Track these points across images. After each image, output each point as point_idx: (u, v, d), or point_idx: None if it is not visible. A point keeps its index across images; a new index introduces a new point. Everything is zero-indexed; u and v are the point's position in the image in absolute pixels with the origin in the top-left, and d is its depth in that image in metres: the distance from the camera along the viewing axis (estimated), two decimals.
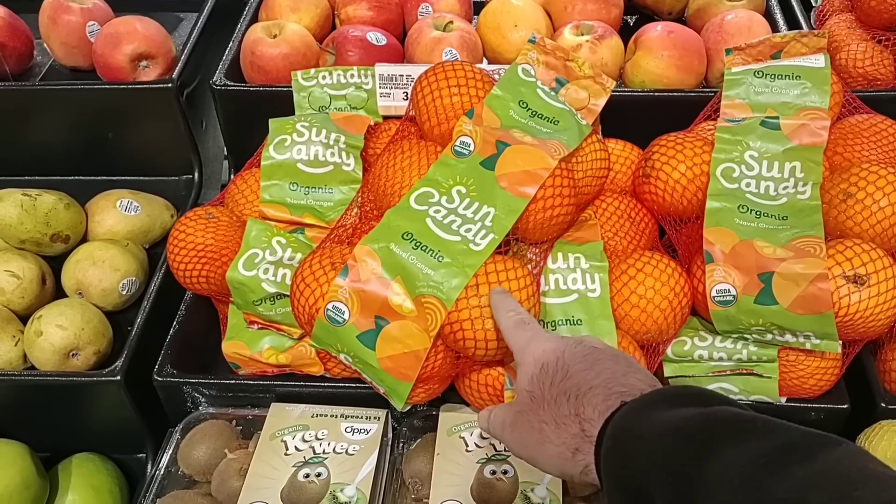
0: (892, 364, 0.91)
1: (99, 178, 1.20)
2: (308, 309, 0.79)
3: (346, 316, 0.77)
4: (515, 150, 0.81)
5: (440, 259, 0.76)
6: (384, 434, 0.89)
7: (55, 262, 1.08)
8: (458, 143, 0.83)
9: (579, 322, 0.80)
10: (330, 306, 0.78)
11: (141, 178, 1.20)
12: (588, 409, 0.55)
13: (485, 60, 1.18)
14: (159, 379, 0.92)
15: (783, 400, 0.86)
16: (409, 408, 0.84)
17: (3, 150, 1.19)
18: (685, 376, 0.87)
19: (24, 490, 0.87)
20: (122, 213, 1.11)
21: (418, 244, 0.77)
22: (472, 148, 0.83)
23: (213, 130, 1.23)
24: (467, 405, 0.89)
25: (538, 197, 0.79)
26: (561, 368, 0.59)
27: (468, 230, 0.78)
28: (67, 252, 1.07)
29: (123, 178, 1.20)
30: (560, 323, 0.80)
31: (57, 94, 1.14)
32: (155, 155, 1.19)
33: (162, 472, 0.88)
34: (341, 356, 0.80)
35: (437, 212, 0.79)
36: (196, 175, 1.20)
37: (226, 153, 1.20)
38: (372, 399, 0.89)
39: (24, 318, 1.01)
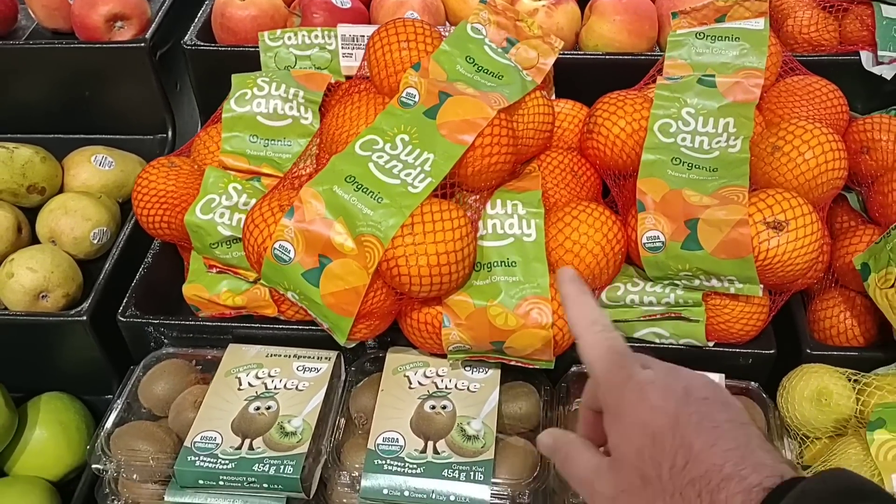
0: (820, 314, 0.95)
1: (76, 136, 1.25)
2: (257, 248, 0.84)
3: (291, 255, 0.82)
4: (456, 101, 0.85)
5: (379, 200, 0.80)
6: (334, 374, 0.93)
7: (32, 214, 1.13)
8: (404, 94, 0.88)
9: (514, 264, 0.85)
10: (277, 245, 0.82)
11: (117, 136, 1.25)
12: None
13: (447, 24, 1.22)
14: (123, 319, 0.97)
15: (711, 344, 0.91)
16: (353, 344, 0.88)
17: None
18: (619, 321, 0.91)
19: None
20: (96, 167, 1.15)
21: (360, 186, 0.81)
22: (416, 99, 0.87)
23: (187, 91, 1.27)
24: (414, 347, 0.93)
25: (476, 144, 0.83)
26: (681, 447, 0.49)
27: (408, 174, 0.82)
28: (43, 204, 1.12)
29: (100, 136, 1.25)
30: (496, 264, 0.85)
31: (35, 53, 1.19)
32: (130, 114, 1.24)
33: (122, 405, 0.93)
34: (289, 294, 0.85)
35: (379, 157, 0.84)
36: (169, 134, 1.25)
37: (198, 112, 1.25)
38: (324, 341, 0.94)
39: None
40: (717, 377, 0.89)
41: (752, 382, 0.91)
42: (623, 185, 0.97)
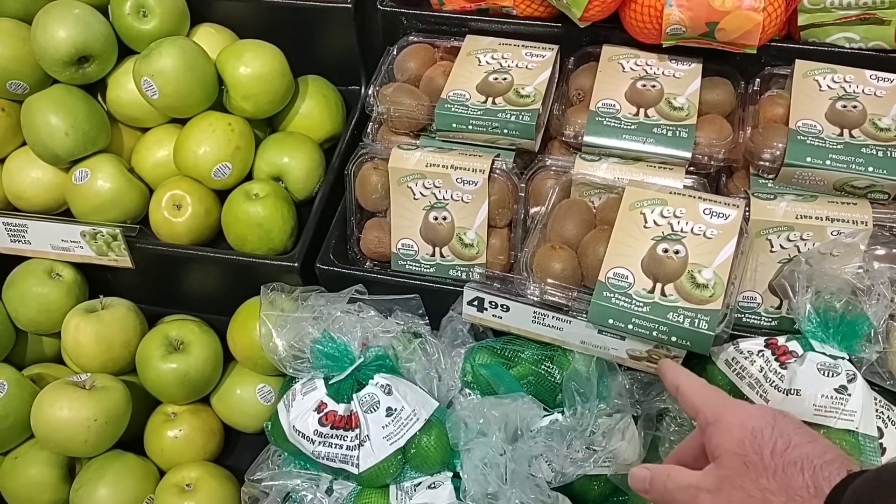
0: None
1: None
2: None
3: None
4: None
5: None
6: (556, 61, 1.11)
7: None
8: None
9: None
10: None
11: None
12: (825, 487, 0.54)
13: None
14: (382, 8, 1.17)
15: None
16: (586, 24, 1.04)
17: None
18: (816, 25, 1.04)
19: (282, 77, 1.15)
20: None
21: None
22: None
23: None
24: (628, 45, 1.09)
25: None
26: (780, 437, 0.58)
27: None
28: None
29: None
30: None
31: None
32: None
33: (382, 74, 1.14)
34: None
35: None
36: None
37: None
38: (548, 37, 1.12)
39: None
40: None
41: None
42: None
